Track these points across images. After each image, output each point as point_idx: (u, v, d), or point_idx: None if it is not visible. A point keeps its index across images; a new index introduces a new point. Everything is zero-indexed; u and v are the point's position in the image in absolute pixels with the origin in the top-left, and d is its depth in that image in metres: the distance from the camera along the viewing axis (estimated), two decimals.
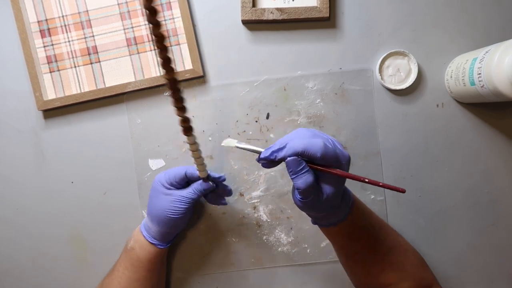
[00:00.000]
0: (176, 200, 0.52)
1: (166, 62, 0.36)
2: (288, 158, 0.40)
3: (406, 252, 0.52)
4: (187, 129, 0.44)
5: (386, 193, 0.60)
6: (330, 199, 0.42)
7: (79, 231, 0.61)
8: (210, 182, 0.53)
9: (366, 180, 0.41)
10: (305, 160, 0.41)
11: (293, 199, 0.44)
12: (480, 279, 0.60)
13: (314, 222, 0.49)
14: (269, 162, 0.42)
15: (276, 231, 0.61)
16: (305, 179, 0.40)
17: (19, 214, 0.61)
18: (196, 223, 0.61)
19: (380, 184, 0.40)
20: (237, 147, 0.46)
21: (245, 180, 0.60)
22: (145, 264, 0.53)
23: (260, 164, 0.44)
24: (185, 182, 0.54)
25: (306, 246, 0.60)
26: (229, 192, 0.56)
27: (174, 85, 0.38)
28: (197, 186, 0.53)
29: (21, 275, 0.61)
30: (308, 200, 0.41)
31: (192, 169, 0.53)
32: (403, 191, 0.40)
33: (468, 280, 0.60)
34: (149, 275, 0.54)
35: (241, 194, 0.61)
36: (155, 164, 0.60)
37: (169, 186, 0.53)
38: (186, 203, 0.52)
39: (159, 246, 0.54)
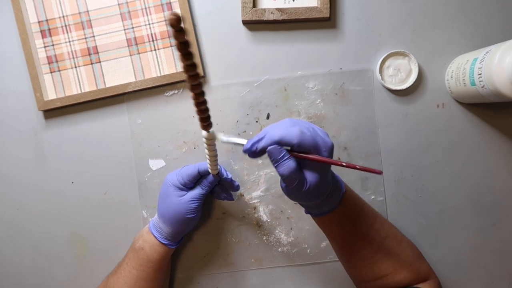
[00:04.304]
0: (191, 200, 0.53)
1: (191, 67, 0.35)
2: (269, 147, 0.41)
3: (401, 243, 0.52)
4: (208, 125, 0.44)
5: (387, 193, 0.60)
6: (315, 186, 0.42)
7: (79, 231, 0.61)
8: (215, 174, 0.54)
9: (344, 164, 0.41)
10: (286, 149, 0.42)
11: (281, 189, 0.45)
12: (481, 279, 0.60)
13: (307, 212, 0.50)
14: (252, 153, 0.43)
15: (276, 231, 0.61)
16: (287, 165, 0.41)
17: (19, 214, 0.61)
18: (196, 223, 0.61)
19: (357, 167, 0.41)
20: (223, 141, 0.46)
21: (245, 180, 0.60)
22: (154, 264, 0.54)
23: (247, 155, 0.44)
24: (197, 180, 0.55)
25: (306, 246, 0.60)
26: (236, 188, 0.57)
27: (195, 79, 0.38)
28: (204, 182, 0.54)
29: (21, 274, 0.61)
30: (293, 186, 0.42)
31: (204, 165, 0.53)
32: (379, 173, 0.40)
33: (469, 280, 0.60)
34: (157, 274, 0.55)
35: (241, 195, 0.61)
36: (155, 164, 0.60)
37: (182, 187, 0.53)
38: (200, 200, 0.53)
39: (170, 246, 0.54)
